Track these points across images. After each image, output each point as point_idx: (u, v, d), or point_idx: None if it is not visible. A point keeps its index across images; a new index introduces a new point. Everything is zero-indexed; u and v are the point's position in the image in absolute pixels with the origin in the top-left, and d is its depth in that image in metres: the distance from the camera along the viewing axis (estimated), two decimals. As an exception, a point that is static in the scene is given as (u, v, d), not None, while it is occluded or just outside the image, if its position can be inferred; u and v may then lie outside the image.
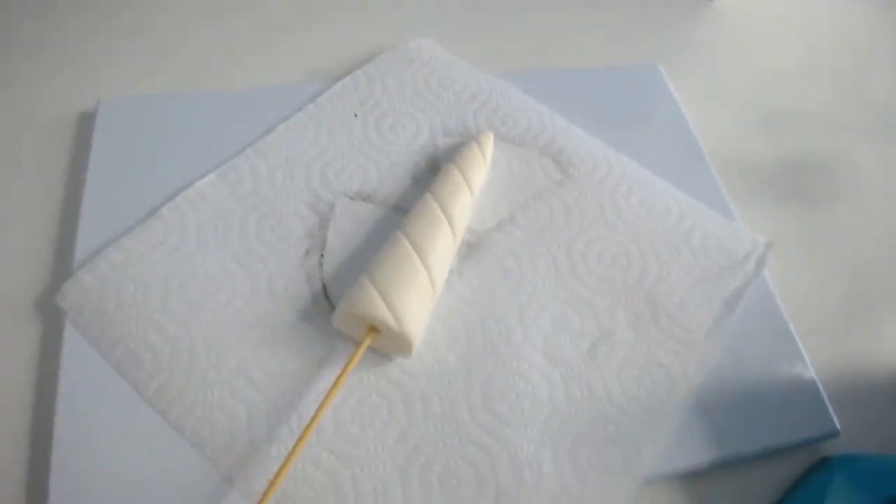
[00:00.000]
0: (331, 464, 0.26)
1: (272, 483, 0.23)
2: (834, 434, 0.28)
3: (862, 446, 0.29)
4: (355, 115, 0.37)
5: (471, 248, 0.32)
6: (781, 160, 0.40)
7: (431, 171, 0.35)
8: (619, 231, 0.33)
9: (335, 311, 0.28)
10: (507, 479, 0.26)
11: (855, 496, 0.24)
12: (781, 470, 0.28)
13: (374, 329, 0.27)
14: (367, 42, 0.41)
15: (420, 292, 0.28)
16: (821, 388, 0.30)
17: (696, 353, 0.29)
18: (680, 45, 0.46)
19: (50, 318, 0.29)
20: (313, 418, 0.25)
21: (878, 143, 0.42)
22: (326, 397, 0.25)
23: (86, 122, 0.36)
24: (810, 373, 0.30)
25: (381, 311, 0.26)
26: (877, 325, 0.34)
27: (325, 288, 0.30)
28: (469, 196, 0.32)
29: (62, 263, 0.31)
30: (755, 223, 0.35)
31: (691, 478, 0.28)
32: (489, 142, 0.35)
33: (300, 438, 0.24)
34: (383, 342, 0.28)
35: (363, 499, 0.25)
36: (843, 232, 0.37)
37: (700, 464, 0.27)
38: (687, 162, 0.38)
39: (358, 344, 0.27)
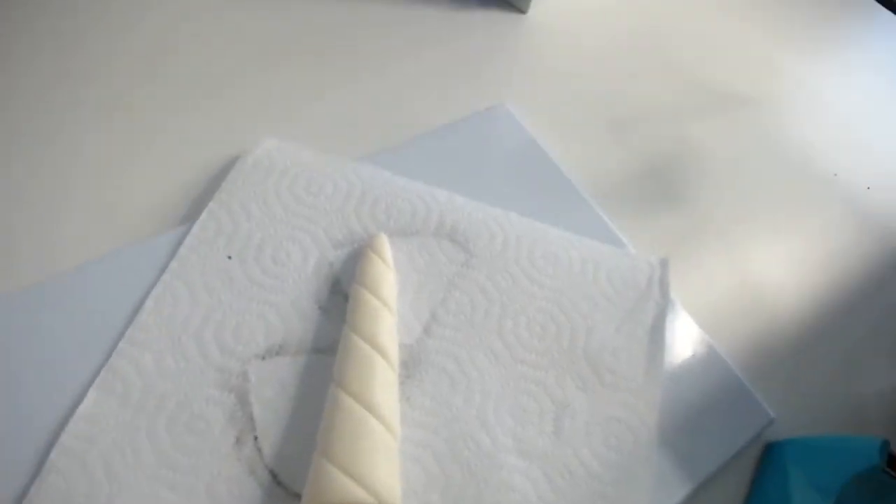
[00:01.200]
0: None
1: None
2: (771, 422, 0.33)
3: (794, 421, 0.33)
4: (229, 258, 0.33)
5: (408, 367, 0.31)
6: (640, 162, 0.44)
7: (338, 293, 0.33)
8: (537, 297, 0.34)
9: (301, 504, 0.26)
10: None
11: (812, 484, 0.28)
12: (738, 469, 0.32)
13: (351, 509, 0.25)
14: (201, 160, 0.37)
15: (383, 450, 0.27)
16: (745, 381, 0.34)
17: (643, 397, 0.32)
18: (511, 75, 0.48)
19: None
20: None
21: (713, 119, 0.48)
22: None
23: None
24: (735, 373, 0.34)
25: (357, 495, 0.25)
26: (762, 293, 0.39)
27: (273, 475, 0.28)
28: (390, 316, 0.31)
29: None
30: (638, 236, 0.38)
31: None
32: (385, 245, 0.34)
33: None
34: (363, 514, 0.26)
35: None
36: (715, 216, 0.42)
37: (679, 501, 0.30)
38: (562, 197, 0.40)
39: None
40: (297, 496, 0.27)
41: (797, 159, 0.47)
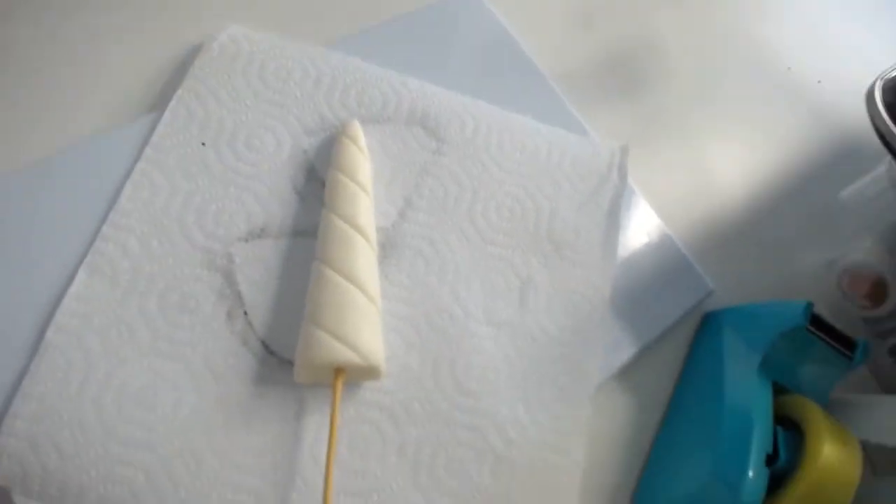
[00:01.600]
0: (351, 503, 0.28)
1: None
2: (710, 293, 0.37)
3: (732, 293, 0.38)
4: (203, 144, 0.34)
5: (385, 249, 0.34)
6: (605, 53, 0.45)
7: (314, 180, 0.34)
8: (506, 182, 0.36)
9: (295, 369, 0.29)
10: (499, 443, 0.31)
11: (743, 343, 0.32)
12: (680, 334, 0.37)
13: (340, 370, 0.29)
14: (166, 49, 0.37)
15: (367, 317, 0.29)
16: (689, 257, 0.38)
17: (598, 270, 0.35)
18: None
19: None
20: (326, 475, 0.27)
21: (676, 12, 0.48)
22: (329, 451, 0.27)
23: None
24: (680, 249, 0.38)
25: (345, 354, 0.28)
26: (711, 180, 0.42)
27: (265, 345, 0.31)
28: (368, 199, 0.33)
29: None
30: (601, 125, 0.41)
31: (620, 374, 0.35)
32: (358, 131, 0.35)
33: (325, 494, 0.26)
34: (352, 376, 0.30)
35: (389, 514, 0.29)
36: (673, 107, 0.44)
37: (627, 360, 0.34)
38: (529, 85, 0.41)
39: (330, 386, 0.29)
40: (289, 363, 0.30)
41: (754, 53, 0.49)
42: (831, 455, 0.26)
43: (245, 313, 0.31)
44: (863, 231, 0.40)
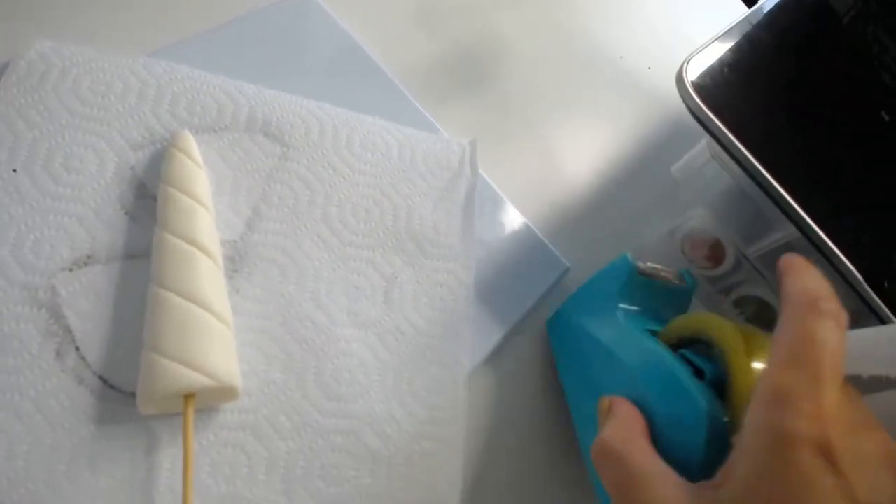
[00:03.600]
0: (221, 532, 0.28)
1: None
2: (567, 270, 0.40)
3: (588, 269, 0.41)
4: (14, 171, 0.32)
5: (234, 262, 0.33)
6: (449, 52, 0.48)
7: (145, 197, 0.33)
8: (359, 183, 0.37)
9: (138, 401, 0.28)
10: (376, 442, 0.31)
11: (598, 318, 0.35)
12: (542, 315, 0.40)
13: (190, 395, 0.28)
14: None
15: (215, 336, 0.29)
16: (545, 240, 0.41)
17: (460, 261, 0.38)
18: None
19: None
20: (184, 507, 0.26)
21: (513, 11, 0.53)
22: (185, 484, 0.27)
23: None
24: (535, 231, 0.41)
25: (191, 378, 0.27)
26: (560, 167, 0.46)
27: (104, 380, 0.29)
28: (205, 211, 0.33)
29: None
30: (450, 121, 0.43)
31: (491, 357, 0.37)
32: (190, 141, 0.34)
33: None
34: (204, 400, 0.29)
35: (265, 538, 0.28)
36: (517, 100, 0.48)
37: (496, 344, 0.37)
38: (374, 87, 0.42)
39: (182, 414, 0.28)
40: (133, 395, 0.29)
41: (588, 46, 0.55)
42: (737, 332, 0.26)
43: (77, 349, 0.29)
44: (696, 200, 0.45)
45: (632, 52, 0.56)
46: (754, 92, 0.38)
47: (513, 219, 0.41)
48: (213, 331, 0.29)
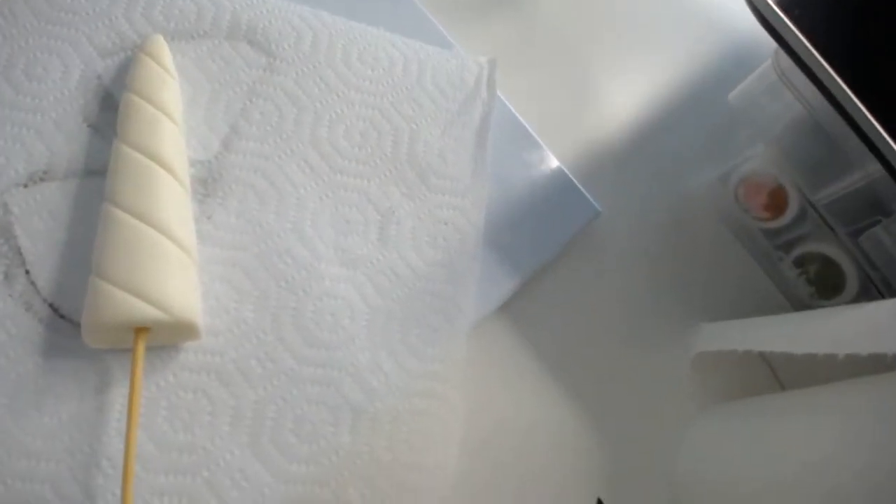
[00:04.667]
0: (175, 483, 0.25)
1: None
2: (597, 214, 0.36)
3: (622, 215, 0.37)
4: (-34, 74, 0.29)
5: (206, 185, 0.30)
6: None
7: (110, 109, 0.30)
8: (355, 102, 0.33)
9: (83, 332, 0.25)
10: (358, 395, 0.28)
11: None
12: (564, 265, 0.35)
13: (142, 329, 0.25)
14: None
15: (173, 265, 0.26)
16: (574, 179, 0.36)
17: (469, 197, 0.33)
18: None
19: None
20: (126, 453, 0.24)
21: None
22: (129, 424, 0.24)
23: None
24: (562, 169, 0.36)
25: (142, 310, 0.25)
26: (596, 99, 0.41)
27: (54, 308, 0.27)
28: (172, 124, 0.29)
29: None
30: (472, 40, 0.38)
31: (502, 309, 0.33)
32: (161, 46, 0.31)
33: (125, 480, 0.23)
34: (161, 336, 0.26)
35: (226, 493, 0.26)
36: (550, 19, 0.42)
37: (508, 294, 0.33)
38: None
39: (132, 351, 0.25)
40: (84, 326, 0.26)
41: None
42: None
43: (27, 272, 0.27)
44: (756, 138, 0.40)
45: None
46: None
47: (536, 152, 0.36)
48: (171, 258, 0.26)
